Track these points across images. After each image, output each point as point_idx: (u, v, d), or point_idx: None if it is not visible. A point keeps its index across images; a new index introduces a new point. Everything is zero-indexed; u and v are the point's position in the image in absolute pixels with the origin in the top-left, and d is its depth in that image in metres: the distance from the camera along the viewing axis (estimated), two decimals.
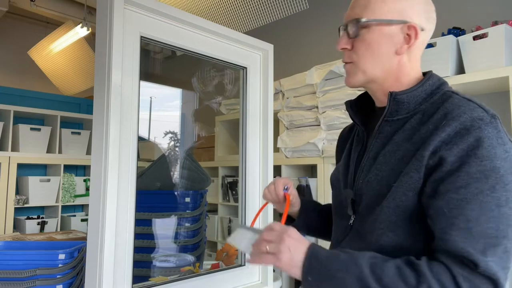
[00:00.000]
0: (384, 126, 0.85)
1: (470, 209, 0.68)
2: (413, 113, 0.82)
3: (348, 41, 0.86)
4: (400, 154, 0.79)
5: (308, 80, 2.61)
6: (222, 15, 2.72)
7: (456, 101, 0.77)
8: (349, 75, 0.88)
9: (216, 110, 3.36)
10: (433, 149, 0.73)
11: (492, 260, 0.66)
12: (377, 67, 0.84)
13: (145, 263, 1.64)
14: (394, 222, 0.77)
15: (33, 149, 3.32)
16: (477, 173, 0.69)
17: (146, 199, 1.70)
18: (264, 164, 1.64)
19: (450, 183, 0.70)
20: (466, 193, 0.69)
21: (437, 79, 0.85)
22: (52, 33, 3.73)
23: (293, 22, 3.28)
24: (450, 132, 0.72)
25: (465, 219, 0.68)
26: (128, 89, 1.21)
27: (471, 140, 0.70)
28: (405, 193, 0.75)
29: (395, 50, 0.83)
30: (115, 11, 1.16)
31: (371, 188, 0.82)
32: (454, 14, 2.38)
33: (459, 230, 0.68)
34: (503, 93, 2.05)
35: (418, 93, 0.82)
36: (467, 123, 0.71)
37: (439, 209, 0.71)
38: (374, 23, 0.82)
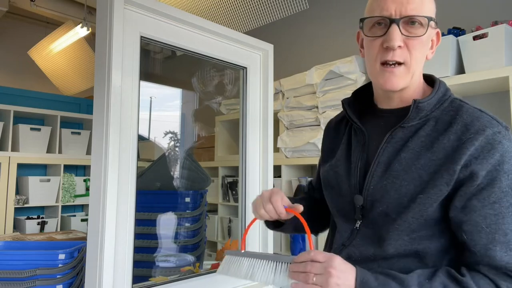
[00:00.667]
0: (397, 132, 0.82)
1: (506, 223, 0.72)
2: (425, 120, 0.81)
3: (402, 39, 0.78)
4: (422, 163, 0.77)
5: (308, 80, 2.61)
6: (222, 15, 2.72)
7: (471, 112, 0.78)
8: (397, 78, 0.80)
9: (216, 110, 3.36)
10: (465, 163, 0.73)
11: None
12: (419, 70, 0.82)
13: (145, 263, 1.64)
14: (412, 229, 0.78)
15: (33, 149, 3.32)
16: (506, 187, 0.72)
17: (146, 199, 1.70)
18: (264, 164, 1.64)
19: (484, 198, 0.73)
20: (501, 208, 0.72)
21: (444, 85, 0.84)
22: (52, 33, 3.73)
23: (293, 22, 3.28)
24: (478, 146, 0.73)
25: (503, 233, 0.71)
26: (128, 89, 1.21)
27: (497, 155, 0.72)
28: (431, 205, 0.75)
29: (426, 54, 0.83)
30: (115, 11, 1.16)
31: (388, 196, 0.80)
32: (454, 14, 2.38)
33: (501, 244, 0.71)
34: (503, 93, 2.05)
35: (435, 100, 0.81)
36: (490, 137, 0.73)
37: (477, 225, 0.73)
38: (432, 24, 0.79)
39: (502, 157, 0.72)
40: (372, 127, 0.88)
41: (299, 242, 2.60)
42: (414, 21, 0.77)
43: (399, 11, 0.77)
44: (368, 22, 0.82)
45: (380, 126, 0.86)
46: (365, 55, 0.86)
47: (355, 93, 0.95)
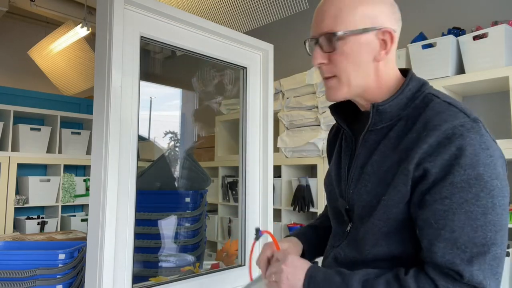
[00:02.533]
0: (369, 135, 0.84)
1: (455, 219, 0.69)
2: (396, 120, 0.81)
3: (324, 55, 0.82)
4: (387, 165, 0.79)
5: (308, 80, 2.61)
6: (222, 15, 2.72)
7: (437, 107, 0.76)
8: (332, 89, 0.83)
9: (216, 110, 3.36)
10: (417, 161, 0.72)
11: (479, 269, 0.67)
12: (359, 77, 0.82)
13: (145, 263, 1.64)
14: (385, 233, 0.78)
15: (33, 149, 3.32)
16: (461, 183, 0.69)
17: (146, 199, 1.70)
18: (264, 164, 1.64)
19: (436, 193, 0.71)
20: (451, 204, 0.69)
21: (417, 81, 0.83)
22: (52, 33, 3.73)
23: (293, 22, 3.27)
24: (432, 143, 0.71)
25: (451, 229, 0.69)
26: (128, 89, 1.21)
27: (453, 150, 0.70)
28: (395, 206, 0.76)
29: (373, 57, 0.81)
30: (115, 11, 1.16)
31: (362, 199, 0.82)
32: (454, 14, 2.38)
33: (445, 241, 0.69)
34: (503, 93, 2.05)
35: (399, 100, 0.81)
36: (449, 131, 0.71)
37: (427, 221, 0.72)
38: (349, 34, 0.79)
39: (460, 150, 0.69)
40: (359, 131, 0.89)
41: None
42: (330, 38, 0.80)
43: (317, 31, 0.82)
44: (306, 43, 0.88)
45: (361, 129, 0.87)
46: None
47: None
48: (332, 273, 0.78)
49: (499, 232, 0.69)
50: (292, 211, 2.72)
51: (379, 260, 0.79)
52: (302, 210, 2.62)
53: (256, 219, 1.63)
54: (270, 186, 1.64)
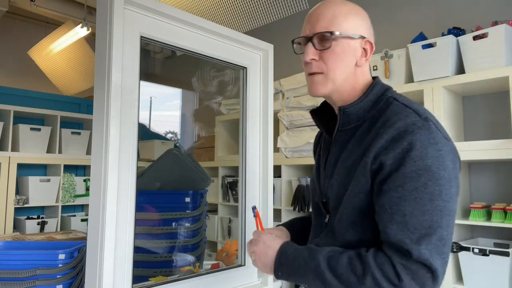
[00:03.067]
0: (339, 135, 0.95)
1: (406, 205, 0.78)
2: (363, 121, 0.91)
3: (315, 53, 0.92)
4: (352, 160, 0.89)
5: None
6: (222, 15, 2.72)
7: (395, 108, 0.87)
8: (317, 84, 0.93)
9: (216, 110, 3.36)
10: (374, 155, 0.83)
11: (426, 248, 0.75)
12: (342, 77, 0.92)
13: (145, 263, 1.64)
14: (353, 221, 0.88)
15: (33, 149, 3.32)
16: (411, 173, 0.78)
17: (146, 199, 1.70)
18: (264, 164, 1.64)
19: (390, 183, 0.80)
20: (403, 191, 0.79)
21: (380, 86, 0.94)
22: (52, 33, 3.73)
23: (293, 22, 3.27)
24: (387, 138, 0.82)
25: (402, 213, 0.78)
26: (128, 89, 1.21)
27: (405, 144, 0.80)
28: (357, 196, 0.86)
29: (355, 62, 0.93)
30: (115, 11, 1.16)
31: (333, 191, 0.93)
32: (454, 14, 2.38)
33: (397, 223, 0.78)
34: (503, 93, 2.05)
35: (364, 104, 0.92)
36: (401, 129, 0.81)
37: (383, 206, 0.81)
38: (343, 36, 0.90)
39: (411, 145, 0.79)
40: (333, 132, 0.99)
41: None
42: (323, 36, 0.90)
43: (311, 30, 0.92)
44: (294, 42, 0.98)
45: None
46: None
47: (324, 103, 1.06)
48: (302, 248, 0.89)
49: (445, 216, 0.78)
50: (292, 211, 2.72)
51: (352, 246, 0.87)
52: (302, 210, 2.62)
53: None
54: (270, 186, 1.64)
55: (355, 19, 0.92)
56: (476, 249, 1.85)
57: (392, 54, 2.27)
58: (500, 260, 1.77)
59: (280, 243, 0.93)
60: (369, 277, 0.77)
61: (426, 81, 2.09)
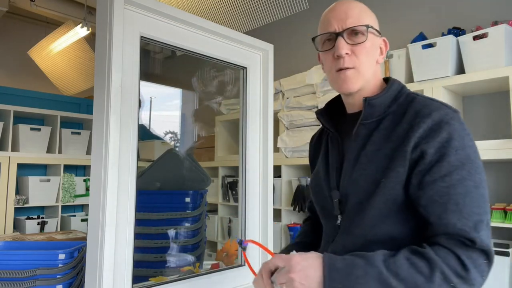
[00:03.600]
0: (360, 129, 0.93)
1: (457, 193, 0.78)
2: (384, 115, 0.91)
3: (348, 47, 0.91)
4: (382, 152, 0.87)
5: (308, 80, 2.62)
6: (222, 15, 2.72)
7: (421, 101, 0.88)
8: (350, 80, 0.92)
9: (216, 110, 3.36)
10: (414, 144, 0.82)
11: (483, 235, 0.76)
12: (370, 72, 0.93)
13: (145, 263, 1.64)
14: (384, 215, 0.85)
15: (33, 149, 3.31)
16: (455, 162, 0.79)
17: (146, 199, 1.70)
18: (264, 164, 1.64)
19: (435, 173, 0.80)
20: (451, 180, 0.79)
21: (398, 84, 0.95)
22: (52, 33, 3.73)
23: (293, 22, 3.27)
24: (426, 128, 0.82)
25: (455, 202, 0.78)
26: (128, 89, 1.21)
27: (444, 134, 0.81)
28: (393, 187, 0.83)
29: (376, 59, 0.95)
30: (115, 11, 1.16)
31: (358, 186, 0.89)
32: (454, 14, 2.38)
33: (453, 213, 0.78)
34: (503, 93, 2.05)
35: (386, 98, 0.92)
36: (438, 119, 0.82)
37: (431, 198, 0.80)
38: (373, 32, 0.93)
39: (450, 135, 0.80)
40: (345, 131, 0.99)
41: None
42: (355, 31, 0.91)
43: (341, 25, 0.92)
44: (318, 39, 0.97)
45: (349, 129, 0.96)
46: (324, 68, 1.00)
47: (329, 104, 1.06)
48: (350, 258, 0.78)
49: (487, 202, 0.80)
50: (292, 211, 2.72)
51: (379, 243, 0.84)
52: (302, 210, 2.62)
53: (256, 219, 1.63)
54: (270, 186, 1.64)
55: (375, 18, 0.96)
56: None
57: (392, 54, 2.27)
58: (500, 260, 1.77)
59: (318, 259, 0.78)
60: (438, 274, 0.73)
61: (426, 81, 2.09)
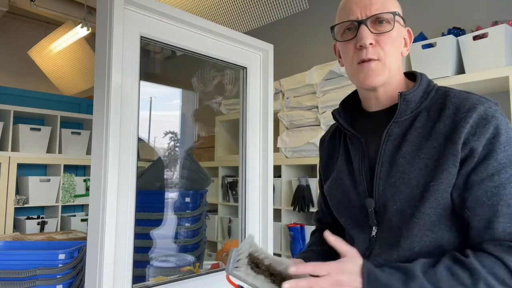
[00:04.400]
0: (393, 128, 0.83)
1: (508, 193, 0.71)
2: (417, 112, 0.82)
3: (372, 36, 0.81)
4: (425, 152, 0.78)
5: (308, 80, 2.61)
6: (222, 15, 2.72)
7: (458, 95, 0.80)
8: (374, 73, 0.82)
9: (216, 110, 3.36)
10: (463, 141, 0.74)
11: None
12: (395, 65, 0.85)
13: (145, 263, 1.64)
14: (434, 221, 0.76)
15: (33, 149, 3.31)
16: (503, 159, 0.72)
17: (146, 199, 1.70)
18: (264, 164, 1.64)
19: (482, 172, 0.72)
20: (500, 179, 0.71)
21: (425, 77, 0.87)
22: (52, 33, 3.73)
23: (293, 22, 3.27)
24: (472, 123, 0.74)
25: (507, 204, 0.70)
26: (128, 89, 1.21)
27: (491, 129, 0.73)
28: (446, 190, 0.75)
29: (401, 51, 0.86)
30: (115, 11, 1.16)
31: (400, 192, 0.79)
32: (454, 14, 2.38)
33: (504, 216, 0.70)
34: (503, 93, 2.05)
35: (419, 92, 0.83)
36: (483, 113, 0.75)
37: (479, 200, 0.72)
38: (399, 19, 0.83)
39: (497, 129, 0.73)
40: (366, 131, 0.88)
41: (299, 242, 2.60)
42: (380, 19, 0.81)
43: (364, 12, 0.82)
44: (338, 28, 0.87)
45: (374, 129, 0.86)
46: (343, 60, 0.90)
47: (343, 103, 0.96)
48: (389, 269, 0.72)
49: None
50: (292, 211, 2.72)
51: (427, 254, 0.76)
52: (302, 210, 2.62)
53: (256, 219, 1.63)
54: (270, 186, 1.64)
55: (398, 4, 0.86)
56: None
57: None
58: None
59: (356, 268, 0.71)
60: (482, 285, 0.67)
61: None
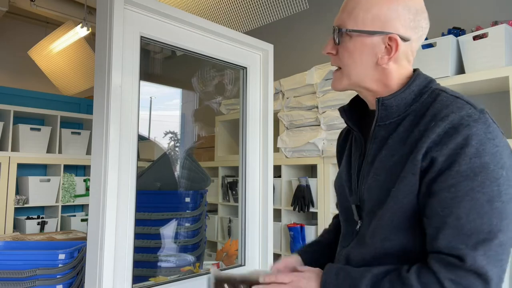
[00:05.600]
0: (378, 131, 0.85)
1: (461, 207, 0.69)
2: (405, 115, 0.82)
3: (334, 47, 0.87)
4: (395, 158, 0.79)
5: (308, 80, 2.61)
6: (222, 15, 2.72)
7: (444, 100, 0.77)
8: (334, 79, 0.89)
9: (216, 110, 3.36)
10: (425, 151, 0.73)
11: (483, 255, 0.67)
12: (361, 74, 0.84)
13: (145, 263, 1.64)
14: (396, 226, 0.78)
15: (33, 149, 3.31)
16: (466, 171, 0.70)
17: (146, 199, 1.70)
18: (264, 164, 1.64)
19: (442, 182, 0.71)
20: (457, 191, 0.70)
21: (423, 78, 0.84)
22: (52, 33, 3.73)
23: (293, 22, 3.27)
24: (440, 132, 0.73)
25: (456, 217, 0.69)
26: (128, 89, 1.21)
27: (459, 139, 0.71)
28: (405, 196, 0.76)
29: (376, 60, 0.82)
30: (115, 11, 1.16)
31: (372, 193, 0.82)
32: (454, 14, 2.38)
33: (451, 228, 0.69)
34: (503, 93, 2.05)
35: (406, 95, 0.82)
36: (455, 122, 0.72)
37: (433, 209, 0.72)
38: (355, 33, 0.82)
39: (466, 140, 0.70)
40: (367, 129, 0.90)
41: (299, 242, 2.60)
42: (340, 30, 0.84)
43: (335, 22, 0.86)
44: None
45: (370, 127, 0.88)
46: None
47: (354, 99, 0.97)
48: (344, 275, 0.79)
49: (505, 219, 0.69)
50: (292, 211, 2.72)
51: (390, 256, 0.79)
52: (302, 210, 2.62)
53: (256, 219, 1.63)
54: (270, 186, 1.64)
55: (382, 11, 0.80)
56: None
57: None
58: None
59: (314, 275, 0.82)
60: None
61: None
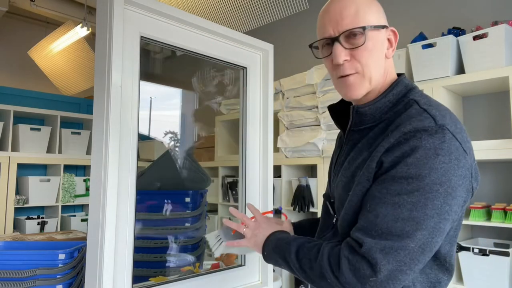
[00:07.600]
0: (352, 134, 0.90)
1: (383, 207, 0.74)
2: (378, 122, 0.85)
3: (346, 53, 0.84)
4: (358, 162, 0.84)
5: (308, 80, 2.61)
6: (222, 15, 2.72)
7: (412, 112, 0.79)
8: (354, 86, 0.85)
9: (216, 110, 3.36)
10: (379, 158, 0.78)
11: (382, 250, 0.71)
12: (378, 73, 0.86)
13: (145, 263, 1.64)
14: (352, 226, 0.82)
15: (33, 149, 3.32)
16: (401, 178, 0.73)
17: (146, 199, 1.70)
18: (264, 164, 1.64)
19: (377, 183, 0.77)
20: (385, 194, 0.74)
21: (403, 86, 0.86)
22: (52, 33, 3.73)
23: (293, 22, 3.27)
24: (393, 141, 0.76)
25: (375, 214, 0.75)
26: (128, 89, 1.21)
27: (406, 148, 0.74)
28: (359, 200, 0.81)
29: (385, 54, 0.87)
30: (115, 11, 1.16)
31: (338, 192, 0.89)
32: (454, 14, 2.38)
33: (366, 222, 0.76)
34: (503, 93, 2.06)
35: (381, 104, 0.85)
36: (409, 133, 0.75)
37: (364, 203, 0.79)
38: (372, 29, 0.83)
39: (412, 150, 0.73)
40: None
41: None
42: (353, 33, 0.83)
43: (337, 29, 0.84)
44: (315, 46, 0.90)
45: None
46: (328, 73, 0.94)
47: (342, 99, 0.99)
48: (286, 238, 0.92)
49: (421, 230, 0.71)
50: (292, 211, 2.72)
51: None
52: (302, 210, 2.62)
53: None
54: (270, 186, 1.64)
55: (375, 9, 0.86)
56: (476, 249, 1.85)
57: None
58: (500, 260, 1.77)
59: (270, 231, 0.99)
60: (317, 265, 0.79)
61: (426, 81, 2.09)
